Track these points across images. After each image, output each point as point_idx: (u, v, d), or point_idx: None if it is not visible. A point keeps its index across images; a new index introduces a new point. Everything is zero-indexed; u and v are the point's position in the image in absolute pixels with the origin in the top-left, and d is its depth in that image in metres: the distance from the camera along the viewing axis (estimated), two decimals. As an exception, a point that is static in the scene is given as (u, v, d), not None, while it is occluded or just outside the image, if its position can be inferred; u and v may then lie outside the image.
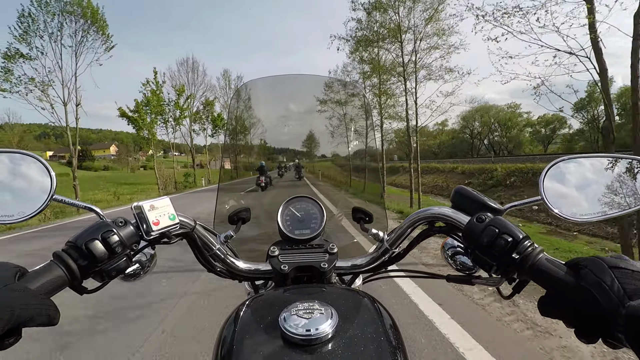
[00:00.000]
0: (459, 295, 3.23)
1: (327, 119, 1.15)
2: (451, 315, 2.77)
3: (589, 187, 0.59)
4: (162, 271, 4.00)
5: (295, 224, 0.82)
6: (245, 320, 0.57)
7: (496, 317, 2.76)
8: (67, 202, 0.58)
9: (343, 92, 1.09)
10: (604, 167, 0.60)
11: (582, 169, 0.61)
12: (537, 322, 2.60)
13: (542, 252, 0.50)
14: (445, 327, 2.58)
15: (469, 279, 0.67)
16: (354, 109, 1.10)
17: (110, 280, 0.55)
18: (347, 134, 1.14)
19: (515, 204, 0.62)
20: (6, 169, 0.55)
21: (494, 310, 2.87)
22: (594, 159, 0.61)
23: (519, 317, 2.73)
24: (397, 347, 0.51)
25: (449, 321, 2.67)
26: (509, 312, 2.83)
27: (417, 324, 2.66)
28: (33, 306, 0.42)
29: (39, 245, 6.13)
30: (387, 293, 3.24)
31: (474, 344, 2.33)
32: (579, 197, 0.59)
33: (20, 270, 0.46)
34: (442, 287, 3.30)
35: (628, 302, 0.39)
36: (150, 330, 2.64)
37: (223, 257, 0.75)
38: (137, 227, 0.58)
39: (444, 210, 0.65)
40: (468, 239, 0.56)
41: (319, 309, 0.51)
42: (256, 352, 0.48)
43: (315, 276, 0.73)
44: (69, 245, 0.51)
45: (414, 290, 3.27)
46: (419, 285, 3.34)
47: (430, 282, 3.30)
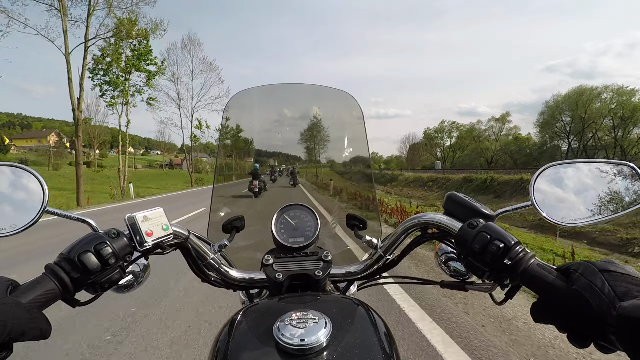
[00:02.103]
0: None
1: (320, 126, 1.16)
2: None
3: (579, 192, 0.60)
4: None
5: (290, 232, 0.82)
6: (239, 330, 0.57)
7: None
8: (60, 214, 0.58)
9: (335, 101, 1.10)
10: (594, 173, 0.61)
11: (572, 175, 0.62)
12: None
13: (534, 258, 0.51)
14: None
15: (462, 284, 0.68)
16: (346, 116, 1.11)
17: (103, 292, 0.55)
18: (340, 141, 1.15)
19: (506, 209, 0.63)
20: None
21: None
22: (585, 164, 0.62)
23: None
24: (391, 354, 0.52)
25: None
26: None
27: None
28: (25, 320, 0.41)
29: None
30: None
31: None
32: (569, 202, 0.60)
33: (12, 283, 0.45)
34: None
35: (619, 303, 0.39)
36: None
37: (217, 267, 0.75)
38: (130, 238, 0.57)
39: (437, 216, 0.66)
40: (460, 245, 0.57)
41: (312, 318, 0.51)
42: None
43: (310, 284, 0.73)
44: (62, 258, 0.51)
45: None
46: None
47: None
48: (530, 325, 2.59)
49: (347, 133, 1.12)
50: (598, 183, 0.60)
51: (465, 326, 2.59)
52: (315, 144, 1.22)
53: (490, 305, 2.94)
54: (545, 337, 2.42)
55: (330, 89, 1.03)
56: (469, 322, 2.67)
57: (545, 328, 2.50)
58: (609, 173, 0.60)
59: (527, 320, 2.69)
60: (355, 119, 1.02)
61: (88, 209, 12.33)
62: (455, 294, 3.18)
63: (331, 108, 1.14)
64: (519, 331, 2.54)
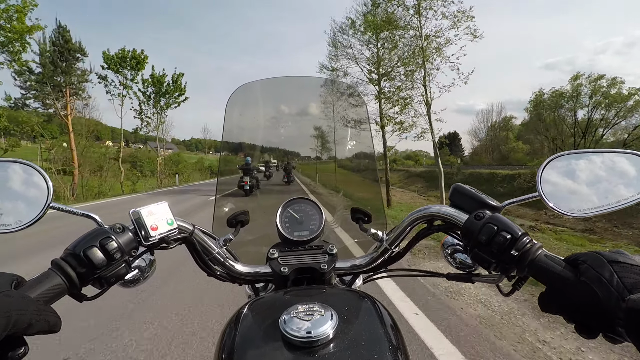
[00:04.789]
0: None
1: (324, 120, 1.15)
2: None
3: (587, 183, 0.59)
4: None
5: (294, 226, 0.82)
6: (246, 324, 0.57)
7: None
8: (65, 209, 0.58)
9: (340, 94, 1.09)
10: (602, 163, 0.60)
11: (581, 165, 0.61)
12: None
13: (541, 249, 0.50)
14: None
15: (469, 276, 0.67)
16: (349, 108, 1.10)
17: (109, 287, 0.55)
18: (345, 135, 1.14)
19: (513, 200, 0.62)
20: (4, 178, 0.55)
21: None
22: (592, 154, 0.61)
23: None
24: (398, 346, 0.51)
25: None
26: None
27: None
28: (30, 312, 0.41)
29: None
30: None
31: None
32: (576, 192, 0.59)
33: (17, 279, 0.46)
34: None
35: (628, 295, 0.39)
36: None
37: (222, 261, 0.75)
38: (135, 233, 0.58)
39: (443, 208, 0.65)
40: (467, 236, 0.57)
41: (319, 311, 0.51)
42: (257, 355, 0.48)
43: (316, 277, 0.73)
44: (67, 253, 0.51)
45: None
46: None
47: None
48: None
49: (350, 125, 1.11)
50: (606, 173, 0.59)
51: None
52: (318, 137, 1.21)
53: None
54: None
55: (333, 80, 1.02)
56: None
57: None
58: (617, 163, 0.59)
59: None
60: (358, 111, 1.02)
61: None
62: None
63: (331, 99, 1.12)
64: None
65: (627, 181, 0.57)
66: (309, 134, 1.19)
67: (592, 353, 2.24)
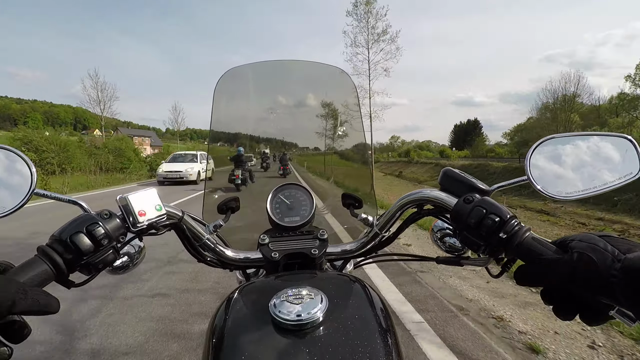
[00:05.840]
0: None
1: (317, 106, 1.13)
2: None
3: (575, 166, 0.60)
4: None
5: (285, 212, 0.82)
6: (236, 308, 0.57)
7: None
8: (49, 195, 0.57)
9: (330, 79, 1.07)
10: (590, 146, 0.61)
11: (568, 148, 0.61)
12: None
13: (529, 231, 0.51)
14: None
15: (458, 259, 0.68)
16: (340, 93, 1.08)
17: (97, 274, 0.55)
18: (335, 120, 1.13)
19: (502, 184, 0.62)
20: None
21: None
22: (580, 137, 0.62)
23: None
24: (387, 329, 0.52)
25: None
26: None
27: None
28: (13, 292, 0.40)
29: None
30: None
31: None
32: (564, 176, 0.60)
33: (2, 264, 0.45)
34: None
35: (623, 256, 0.39)
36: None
37: (213, 247, 0.75)
38: (123, 219, 0.57)
39: (433, 192, 0.66)
40: (456, 220, 0.57)
41: (309, 294, 0.51)
42: (248, 339, 0.49)
43: (307, 263, 0.73)
44: (54, 240, 0.50)
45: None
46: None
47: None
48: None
49: (341, 111, 1.10)
50: (594, 156, 0.60)
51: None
52: (309, 122, 1.19)
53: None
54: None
55: (323, 65, 1.01)
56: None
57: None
58: (602, 148, 0.60)
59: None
60: (349, 96, 1.01)
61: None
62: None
63: (323, 85, 1.10)
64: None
65: (612, 166, 0.58)
66: (303, 122, 1.16)
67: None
